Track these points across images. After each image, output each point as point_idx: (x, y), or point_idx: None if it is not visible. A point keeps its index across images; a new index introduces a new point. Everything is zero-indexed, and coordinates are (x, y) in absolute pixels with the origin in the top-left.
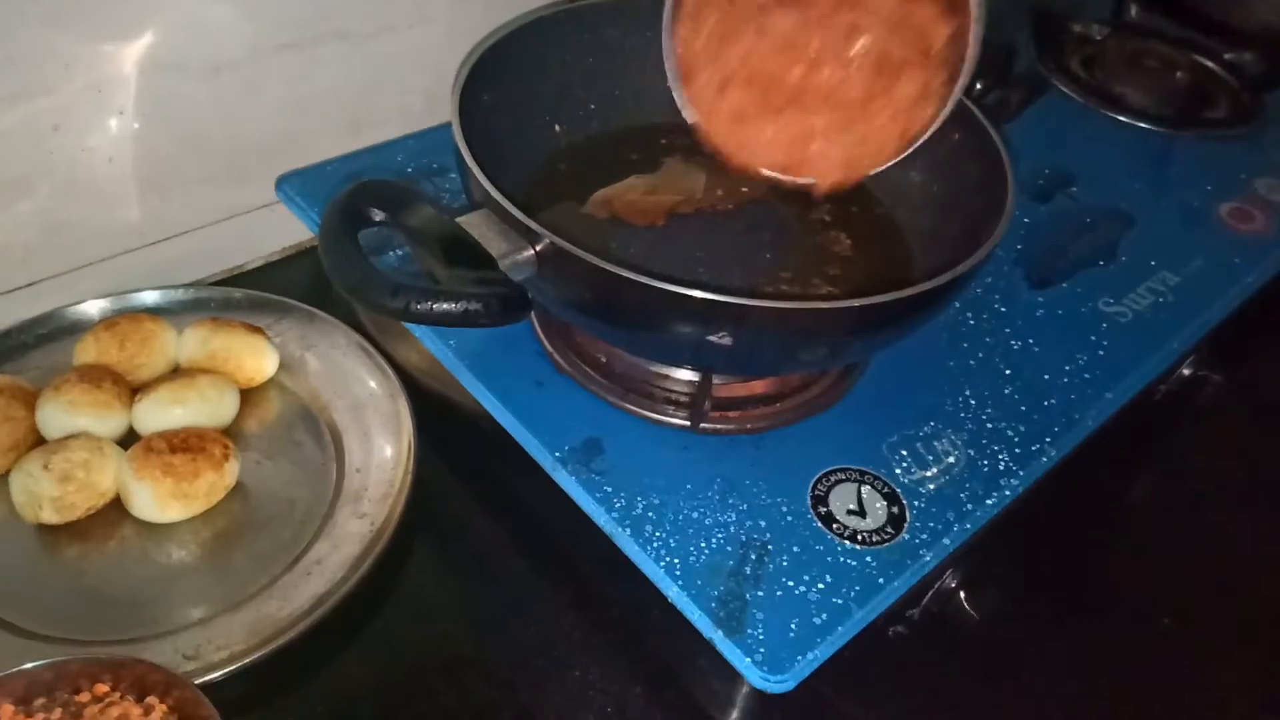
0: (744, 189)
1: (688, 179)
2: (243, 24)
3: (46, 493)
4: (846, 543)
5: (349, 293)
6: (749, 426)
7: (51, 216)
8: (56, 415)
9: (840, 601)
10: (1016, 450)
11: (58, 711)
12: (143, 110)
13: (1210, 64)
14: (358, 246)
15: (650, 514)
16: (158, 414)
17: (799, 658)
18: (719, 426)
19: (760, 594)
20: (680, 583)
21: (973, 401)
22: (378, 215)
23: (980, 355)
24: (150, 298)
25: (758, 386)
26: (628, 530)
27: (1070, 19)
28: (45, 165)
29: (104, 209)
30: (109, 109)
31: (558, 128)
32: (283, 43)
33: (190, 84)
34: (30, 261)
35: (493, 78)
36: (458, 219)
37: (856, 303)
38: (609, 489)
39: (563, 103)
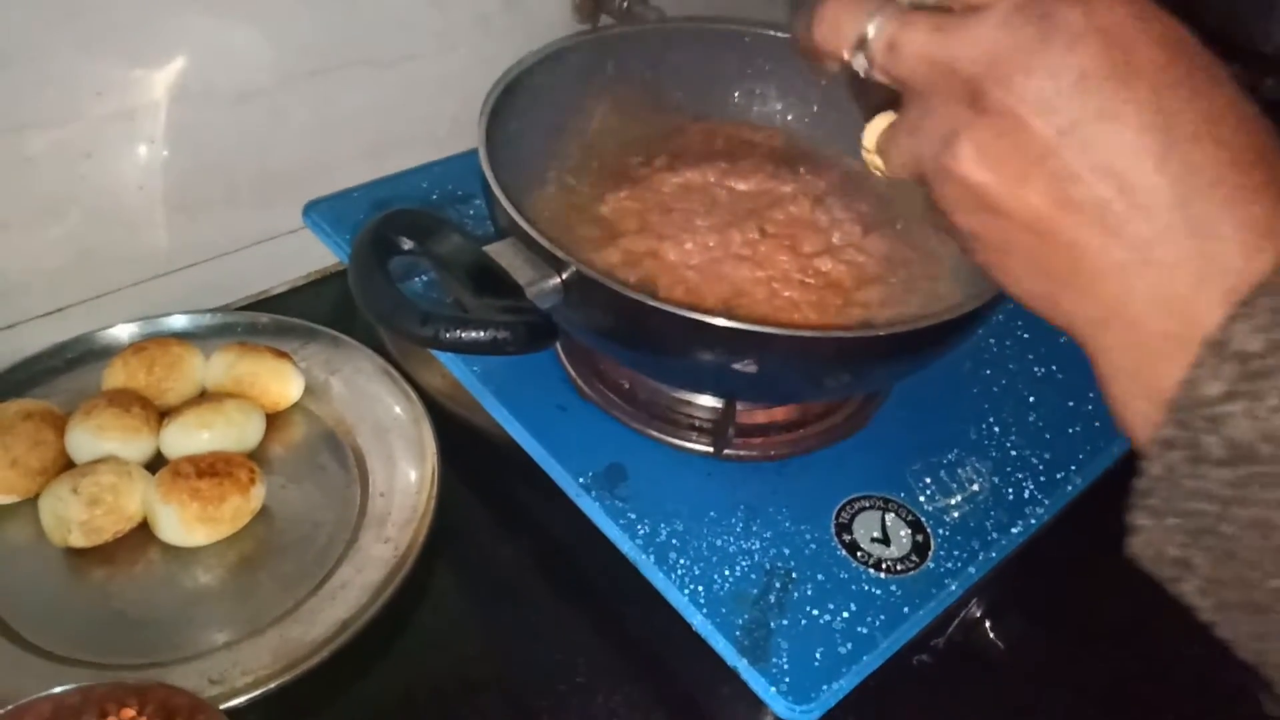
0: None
1: None
2: (270, 52)
3: (75, 516)
4: (871, 571)
5: (379, 321)
6: (772, 453)
7: (82, 242)
8: (85, 439)
9: (865, 630)
10: (1041, 478)
11: None
12: (172, 137)
13: None
14: (388, 275)
15: (674, 541)
16: (185, 438)
17: (824, 687)
18: (742, 453)
19: (785, 622)
20: (705, 610)
21: (996, 429)
22: (407, 244)
23: (1003, 382)
24: (178, 322)
25: (781, 413)
26: (652, 557)
27: None
28: (77, 192)
29: (133, 235)
30: (139, 136)
31: (582, 155)
32: (309, 70)
33: (218, 111)
34: (60, 286)
35: (518, 106)
36: (485, 247)
37: (882, 331)
38: (633, 515)
39: (586, 130)
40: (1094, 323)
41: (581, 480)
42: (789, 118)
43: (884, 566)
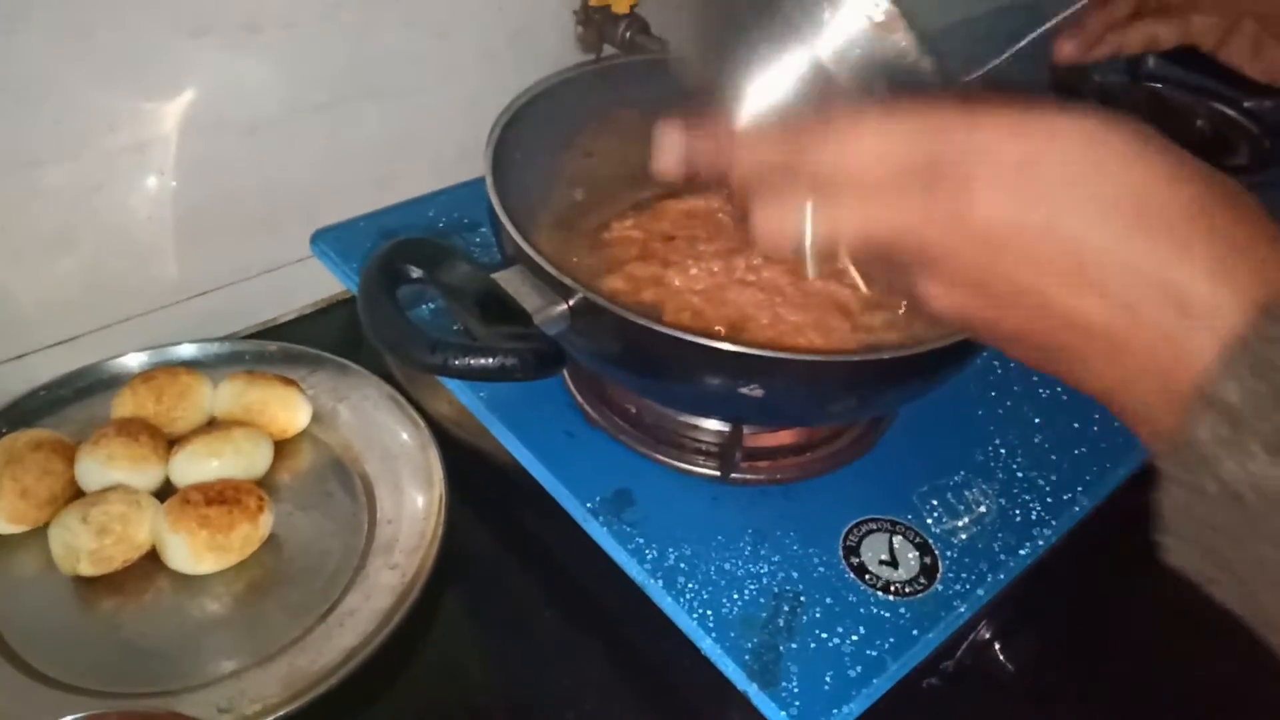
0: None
1: None
2: (278, 84)
3: (84, 545)
4: (879, 594)
5: (388, 350)
6: (779, 477)
7: (92, 273)
8: (95, 469)
9: (874, 654)
10: (1048, 500)
11: None
12: (181, 168)
13: (1230, 111)
14: (396, 304)
15: (682, 565)
16: (194, 466)
17: (834, 711)
18: (749, 477)
19: (794, 646)
20: (714, 635)
21: (1002, 451)
22: (415, 273)
23: (1009, 404)
24: (187, 351)
25: (787, 436)
26: (660, 582)
27: (1089, 69)
28: (87, 223)
29: (142, 265)
30: (149, 167)
31: (587, 183)
32: (317, 102)
33: (227, 142)
34: (70, 317)
35: (523, 135)
36: (492, 275)
37: (886, 355)
38: (640, 540)
39: (591, 159)
40: (1098, 393)
41: (589, 505)
42: None
43: (892, 589)
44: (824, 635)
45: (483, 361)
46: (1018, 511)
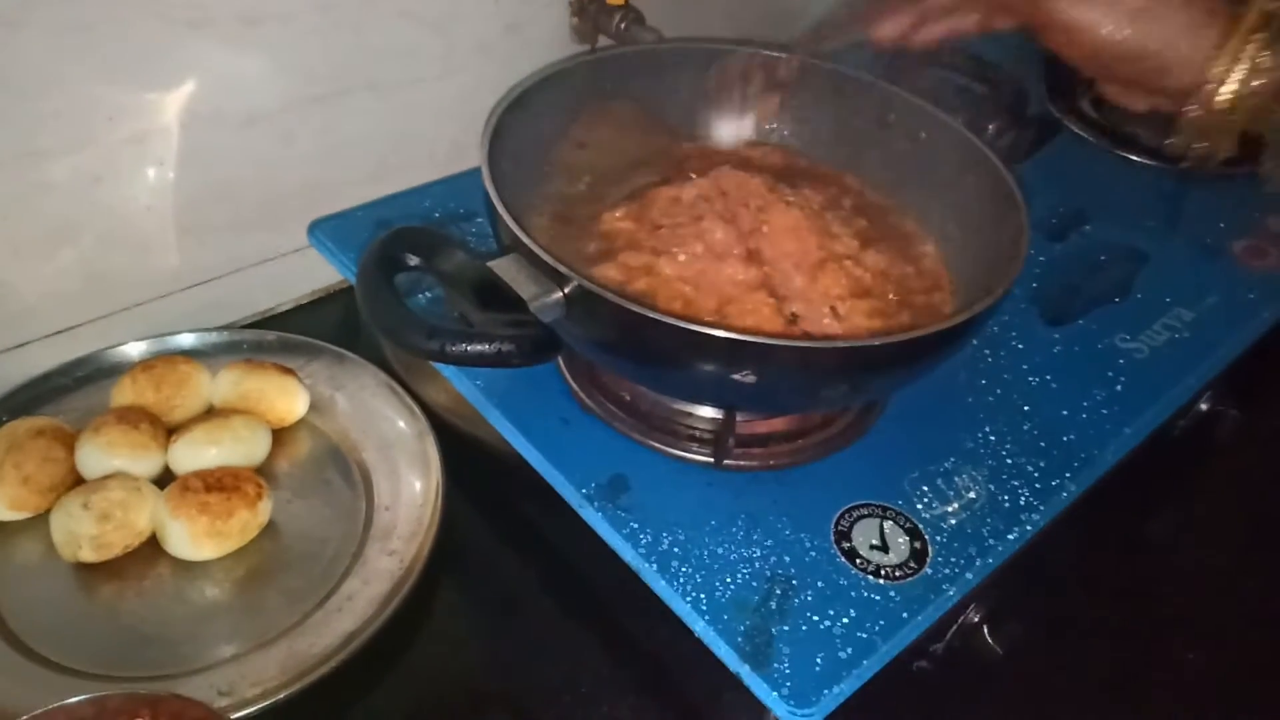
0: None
1: None
2: (276, 77)
3: (85, 532)
4: (870, 577)
5: (386, 335)
6: (772, 463)
7: (92, 264)
8: (95, 456)
9: (865, 636)
10: (1036, 485)
11: None
12: (180, 160)
13: None
14: (394, 291)
15: (676, 549)
16: (193, 454)
17: (825, 691)
18: (742, 463)
19: (786, 628)
20: (707, 618)
21: (992, 438)
22: (412, 260)
23: (998, 392)
24: (186, 340)
25: (780, 423)
26: (654, 566)
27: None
28: (87, 215)
29: (142, 255)
30: (148, 159)
31: (581, 173)
32: (314, 94)
33: (226, 134)
34: (70, 306)
35: (519, 126)
36: (489, 263)
37: (877, 341)
38: (635, 525)
39: (585, 149)
40: None
41: (584, 491)
42: (785, 134)
43: (883, 573)
44: (815, 618)
45: (479, 347)
46: (1006, 497)
